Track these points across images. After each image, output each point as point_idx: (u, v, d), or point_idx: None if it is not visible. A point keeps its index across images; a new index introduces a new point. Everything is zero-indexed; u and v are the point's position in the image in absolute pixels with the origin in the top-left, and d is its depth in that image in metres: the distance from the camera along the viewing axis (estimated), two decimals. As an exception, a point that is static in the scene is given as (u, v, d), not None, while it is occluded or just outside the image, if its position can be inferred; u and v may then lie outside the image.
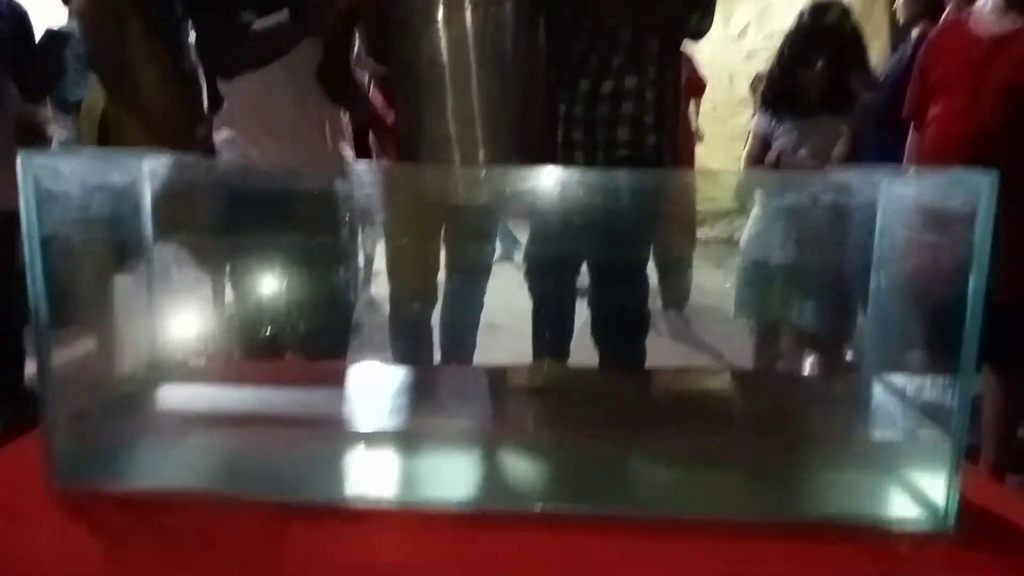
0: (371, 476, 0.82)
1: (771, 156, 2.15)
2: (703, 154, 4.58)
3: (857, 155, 2.01)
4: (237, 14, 1.41)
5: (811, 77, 2.02)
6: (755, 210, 1.78)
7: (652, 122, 1.55)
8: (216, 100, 1.75)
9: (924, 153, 1.87)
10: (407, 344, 1.52)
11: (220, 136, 1.63)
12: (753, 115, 3.43)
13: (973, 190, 0.74)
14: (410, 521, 0.77)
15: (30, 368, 2.45)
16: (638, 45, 1.53)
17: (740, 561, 0.73)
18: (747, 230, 1.88)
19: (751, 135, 2.27)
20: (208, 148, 1.72)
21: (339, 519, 0.77)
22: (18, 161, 0.75)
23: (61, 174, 0.80)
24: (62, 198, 0.80)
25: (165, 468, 0.84)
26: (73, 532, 0.75)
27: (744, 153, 2.33)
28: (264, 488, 0.80)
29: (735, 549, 0.74)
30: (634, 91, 1.53)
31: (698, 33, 1.55)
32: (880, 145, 2.13)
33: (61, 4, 2.66)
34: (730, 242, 1.40)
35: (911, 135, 2.02)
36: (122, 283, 1.03)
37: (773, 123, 2.16)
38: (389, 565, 0.73)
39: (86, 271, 0.93)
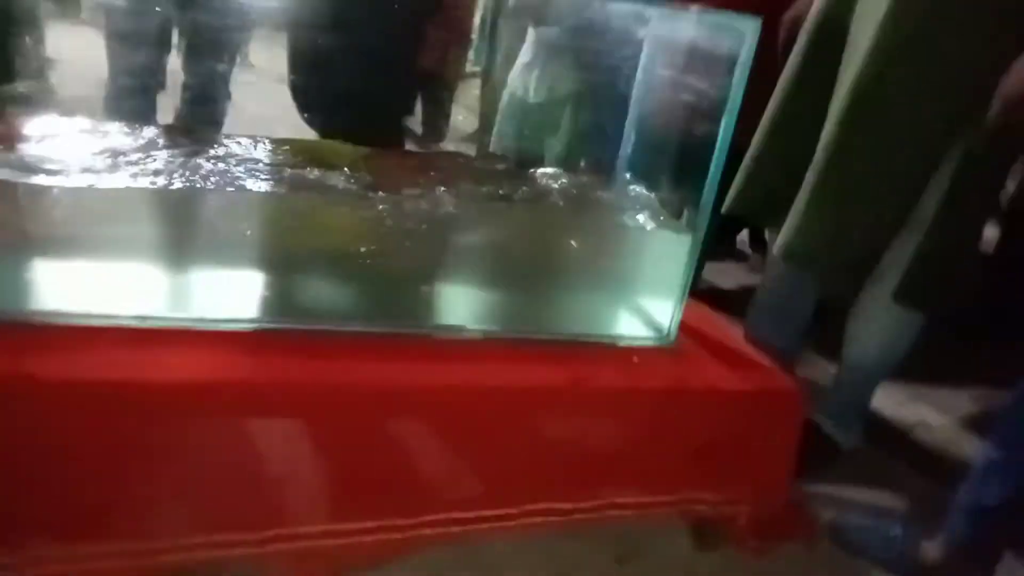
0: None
1: None
2: None
3: None
4: None
5: None
6: (524, 45, 1.69)
7: None
8: None
9: None
10: None
11: None
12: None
13: (738, 34, 0.78)
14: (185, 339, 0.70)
15: None
16: None
17: (502, 371, 0.76)
18: (516, 66, 1.79)
19: None
20: None
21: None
22: None
23: None
24: None
25: None
26: None
27: None
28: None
29: (497, 361, 0.77)
30: None
31: None
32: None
33: None
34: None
35: None
36: None
37: None
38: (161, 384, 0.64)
39: None
